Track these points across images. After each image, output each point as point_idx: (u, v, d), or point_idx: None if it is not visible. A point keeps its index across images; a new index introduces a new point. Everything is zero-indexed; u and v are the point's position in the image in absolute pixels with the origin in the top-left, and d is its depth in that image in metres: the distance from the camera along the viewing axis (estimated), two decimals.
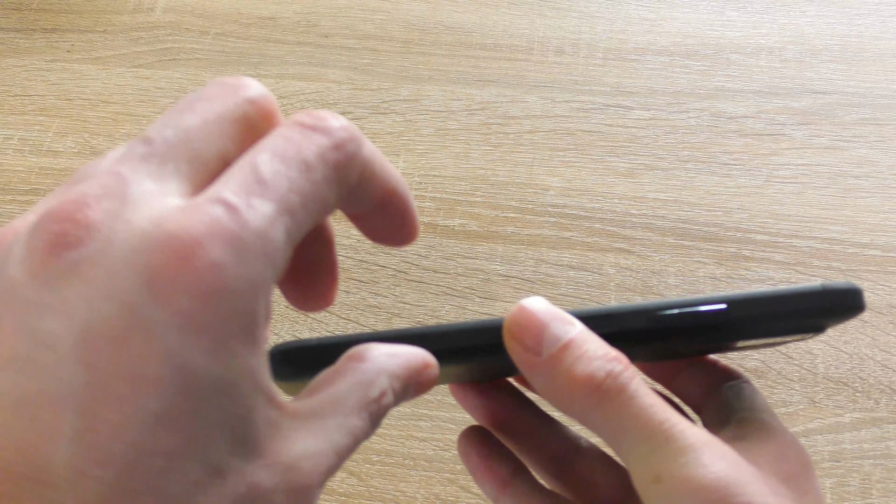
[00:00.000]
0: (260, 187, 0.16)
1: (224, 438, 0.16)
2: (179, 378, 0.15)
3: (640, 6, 0.64)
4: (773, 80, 0.59)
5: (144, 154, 0.17)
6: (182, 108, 0.18)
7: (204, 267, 0.15)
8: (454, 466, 0.46)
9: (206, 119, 0.17)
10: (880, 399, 0.48)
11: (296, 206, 0.16)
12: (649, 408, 0.21)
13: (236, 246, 0.15)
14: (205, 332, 0.15)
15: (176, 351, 0.15)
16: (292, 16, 0.64)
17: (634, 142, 0.57)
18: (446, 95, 0.60)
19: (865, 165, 0.55)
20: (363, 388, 0.19)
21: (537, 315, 0.22)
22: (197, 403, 0.15)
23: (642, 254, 0.52)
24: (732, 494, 0.20)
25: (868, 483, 0.45)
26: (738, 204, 0.54)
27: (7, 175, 0.57)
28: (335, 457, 0.18)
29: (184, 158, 0.17)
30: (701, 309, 0.22)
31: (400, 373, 0.20)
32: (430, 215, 0.54)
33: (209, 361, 0.15)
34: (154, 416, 0.15)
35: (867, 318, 0.50)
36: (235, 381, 0.16)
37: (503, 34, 0.63)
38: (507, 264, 0.52)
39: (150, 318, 0.15)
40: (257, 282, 0.16)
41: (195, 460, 0.15)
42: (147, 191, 0.16)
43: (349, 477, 0.46)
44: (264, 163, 0.17)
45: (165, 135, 0.17)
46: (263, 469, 0.16)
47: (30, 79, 0.62)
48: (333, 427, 0.18)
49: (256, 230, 0.16)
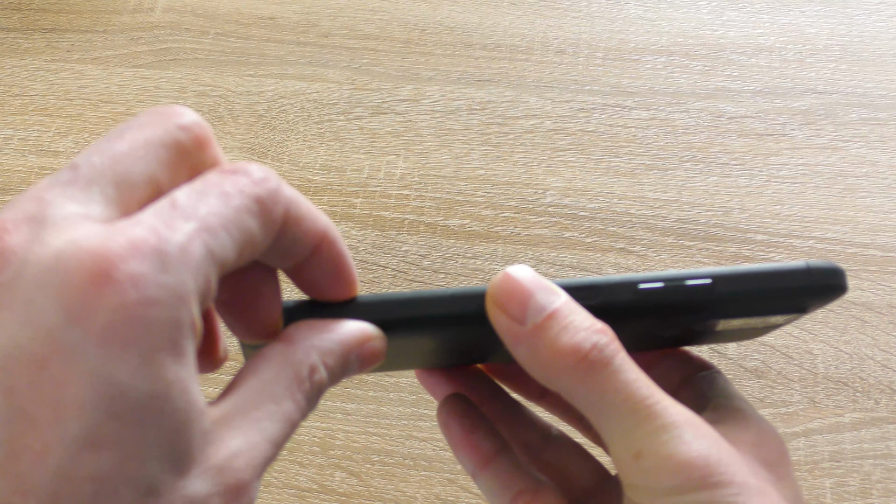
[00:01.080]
0: (177, 211, 0.16)
1: (157, 456, 0.15)
2: (104, 399, 0.14)
3: (640, 6, 0.64)
4: (773, 80, 0.59)
5: (69, 179, 0.17)
6: (112, 135, 0.18)
7: (122, 280, 0.15)
8: (454, 466, 0.46)
9: (134, 145, 0.17)
10: (880, 399, 0.48)
11: (215, 226, 0.17)
12: (633, 382, 0.21)
13: (156, 257, 0.15)
14: (128, 347, 0.15)
15: (98, 371, 0.14)
16: (292, 16, 0.64)
17: (634, 142, 0.57)
18: (446, 95, 0.60)
19: (865, 165, 0.55)
20: (291, 369, 0.19)
21: (522, 283, 0.21)
22: (125, 423, 0.15)
23: (642, 254, 0.52)
24: (714, 473, 0.20)
25: (868, 483, 0.45)
26: (738, 204, 0.54)
27: (7, 175, 0.57)
28: (270, 446, 0.18)
29: (110, 182, 0.17)
30: (686, 283, 0.22)
31: (333, 348, 0.20)
32: (430, 215, 0.54)
33: (135, 377, 0.15)
34: (78, 440, 0.14)
35: (867, 318, 0.50)
36: (165, 394, 0.15)
37: (503, 34, 0.63)
38: (507, 264, 0.52)
39: (69, 339, 0.15)
40: (180, 292, 0.16)
41: (126, 483, 0.15)
42: (68, 214, 0.16)
43: (349, 477, 0.46)
44: (183, 194, 0.17)
45: (92, 160, 0.17)
46: (198, 479, 0.16)
47: (30, 79, 0.62)
48: (264, 417, 0.18)
49: (176, 243, 0.16)
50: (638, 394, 0.21)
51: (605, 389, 0.21)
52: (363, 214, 0.55)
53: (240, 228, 0.17)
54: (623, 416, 0.21)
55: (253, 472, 0.17)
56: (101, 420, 0.14)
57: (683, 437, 0.20)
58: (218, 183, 0.17)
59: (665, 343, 0.27)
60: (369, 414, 0.48)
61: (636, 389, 0.21)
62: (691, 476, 0.20)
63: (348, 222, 0.54)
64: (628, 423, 0.21)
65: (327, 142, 0.58)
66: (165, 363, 0.15)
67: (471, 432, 0.28)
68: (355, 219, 0.55)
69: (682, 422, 0.21)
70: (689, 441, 0.20)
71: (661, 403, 0.21)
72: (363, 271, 0.52)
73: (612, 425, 0.21)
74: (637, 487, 0.21)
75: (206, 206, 0.17)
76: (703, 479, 0.20)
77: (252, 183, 0.18)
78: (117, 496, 0.15)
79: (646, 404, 0.21)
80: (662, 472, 0.20)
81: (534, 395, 0.30)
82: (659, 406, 0.21)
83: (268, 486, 0.46)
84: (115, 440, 0.15)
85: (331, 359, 0.20)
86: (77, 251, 0.15)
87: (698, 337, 0.27)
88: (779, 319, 0.25)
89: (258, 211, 0.18)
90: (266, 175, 0.18)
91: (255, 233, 0.18)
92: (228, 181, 0.17)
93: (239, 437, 0.17)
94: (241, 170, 0.18)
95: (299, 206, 0.19)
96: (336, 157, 0.57)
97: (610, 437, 0.21)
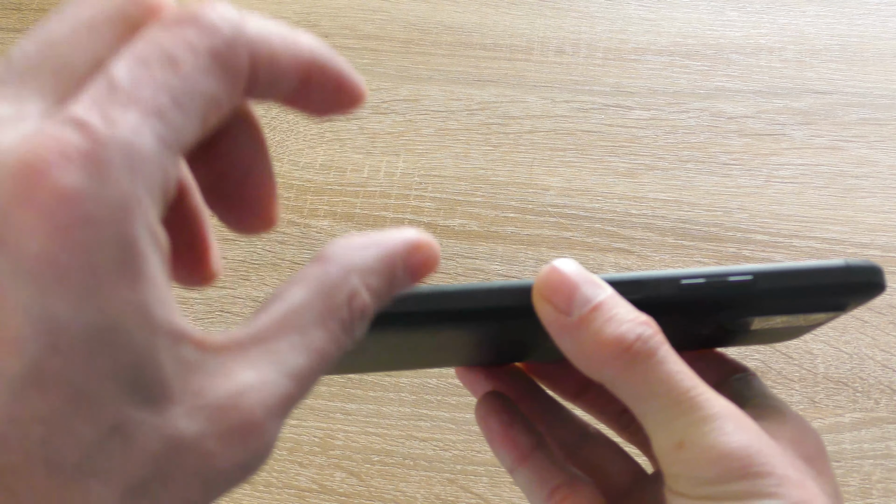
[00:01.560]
0: (115, 95, 0.14)
1: (116, 390, 0.14)
2: (42, 332, 0.13)
3: (640, 6, 0.64)
4: (773, 80, 0.59)
5: (1, 75, 0.15)
6: (51, 17, 0.15)
7: (51, 198, 0.13)
8: (454, 466, 0.46)
9: (76, 25, 0.15)
10: (880, 399, 0.48)
11: (165, 107, 0.14)
12: (677, 374, 0.21)
13: (91, 166, 0.13)
14: (66, 276, 0.13)
15: (33, 303, 0.13)
16: (292, 16, 0.64)
17: (634, 142, 0.57)
18: (446, 95, 0.60)
19: (865, 165, 0.55)
20: (326, 293, 0.16)
21: (568, 276, 0.22)
22: (70, 358, 0.13)
23: (642, 254, 0.52)
24: (755, 464, 0.21)
25: (868, 483, 0.45)
26: (738, 204, 0.54)
27: None
28: (290, 381, 0.15)
29: (48, 72, 0.15)
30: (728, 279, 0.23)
31: (376, 266, 0.17)
32: (430, 215, 0.54)
33: (77, 307, 0.13)
34: (20, 379, 0.13)
35: (867, 318, 0.50)
36: (116, 322, 0.13)
37: (503, 34, 0.63)
38: (507, 264, 0.52)
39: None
40: (127, 203, 0.13)
41: (84, 421, 0.13)
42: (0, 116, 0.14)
43: (349, 477, 0.46)
44: (120, 69, 0.14)
45: (26, 49, 0.15)
46: (182, 417, 0.14)
47: None
48: (285, 348, 0.16)
49: (117, 143, 0.13)
50: (681, 385, 0.21)
51: (649, 380, 0.21)
52: (363, 214, 0.55)
53: (196, 98, 0.14)
54: (666, 406, 0.21)
55: (266, 411, 0.15)
56: (43, 355, 0.13)
57: (725, 429, 0.21)
58: (161, 44, 0.14)
59: (702, 343, 0.28)
60: (369, 414, 0.48)
61: (679, 381, 0.21)
62: (732, 466, 0.20)
63: (348, 222, 0.54)
64: (671, 413, 0.21)
65: (327, 142, 0.58)
66: (112, 289, 0.13)
67: (509, 427, 0.28)
68: (355, 219, 0.55)
69: (725, 413, 0.21)
70: (730, 432, 0.21)
71: (704, 395, 0.21)
72: None
73: (655, 415, 0.21)
74: (678, 477, 0.21)
75: (151, 82, 0.14)
76: (744, 469, 0.20)
77: (202, 34, 0.15)
78: (74, 436, 0.13)
79: (689, 395, 0.21)
80: (704, 461, 0.21)
81: (570, 395, 0.31)
82: (702, 397, 0.21)
83: (268, 486, 0.46)
84: (63, 377, 0.13)
85: (374, 278, 0.17)
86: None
87: (735, 337, 0.27)
88: (819, 317, 0.25)
89: (216, 68, 0.15)
90: (217, 19, 0.15)
91: (217, 95, 0.15)
92: (173, 39, 0.15)
93: (249, 370, 0.15)
94: (188, 19, 0.15)
95: (269, 43, 0.16)
96: (336, 157, 0.57)
97: (652, 427, 0.22)
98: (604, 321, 0.21)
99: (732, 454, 0.21)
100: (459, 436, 0.47)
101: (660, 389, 0.21)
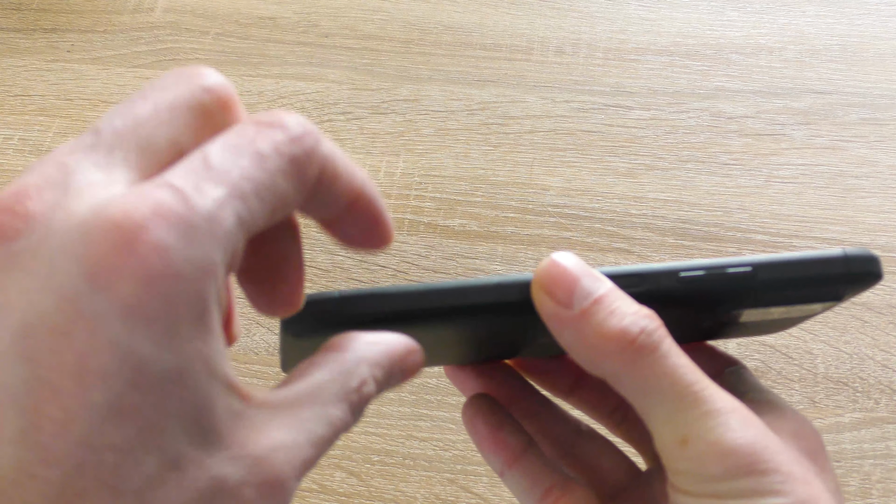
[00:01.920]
0: (209, 173, 0.16)
1: (180, 429, 0.15)
2: (126, 369, 0.14)
3: (640, 6, 0.64)
4: (773, 80, 0.59)
5: (92, 144, 0.16)
6: (135, 97, 0.17)
7: (148, 251, 0.14)
8: (454, 466, 0.46)
9: (158, 107, 0.17)
10: (880, 399, 0.48)
11: (247, 193, 0.16)
12: (680, 368, 0.21)
13: (183, 228, 0.15)
14: (152, 320, 0.14)
15: (122, 341, 0.14)
16: (292, 16, 0.64)
17: (634, 142, 0.57)
18: (446, 95, 0.60)
19: (865, 165, 0.55)
20: (343, 377, 0.18)
21: (568, 269, 0.22)
22: (147, 394, 0.14)
23: (642, 254, 0.52)
24: (760, 460, 0.20)
25: (868, 483, 0.45)
26: (738, 204, 0.54)
27: (7, 175, 0.57)
28: (312, 448, 0.17)
29: (133, 147, 0.16)
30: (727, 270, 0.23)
31: (381, 360, 0.19)
32: (430, 215, 0.54)
33: (158, 350, 0.14)
34: (101, 409, 0.14)
35: (867, 318, 0.50)
36: (188, 368, 0.15)
37: (503, 34, 0.63)
38: (508, 264, 0.52)
39: (93, 308, 0.14)
40: (206, 266, 0.15)
41: (149, 453, 0.15)
42: (91, 180, 0.16)
43: (349, 477, 0.46)
44: (215, 152, 0.16)
45: (114, 124, 0.16)
46: (228, 462, 0.16)
47: (30, 79, 0.62)
48: (311, 418, 0.17)
49: (205, 212, 0.15)
50: (685, 379, 0.21)
51: (653, 374, 0.21)
52: None
53: (272, 192, 0.16)
54: (670, 400, 0.21)
55: (292, 470, 0.17)
56: (124, 390, 0.14)
57: (730, 424, 0.21)
58: (253, 139, 0.16)
59: (700, 335, 0.28)
60: (369, 414, 0.48)
61: (683, 375, 0.21)
62: (738, 463, 0.20)
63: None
64: (675, 407, 0.21)
65: None
66: (188, 337, 0.15)
67: (497, 430, 0.28)
68: None
69: (729, 408, 0.21)
70: (735, 428, 0.21)
71: (708, 390, 0.21)
72: (363, 271, 0.52)
73: (658, 410, 0.21)
74: (682, 473, 0.21)
75: (239, 169, 0.16)
76: (750, 465, 0.20)
77: (289, 140, 0.17)
78: (140, 466, 0.14)
79: (693, 390, 0.21)
80: (709, 458, 0.21)
81: (562, 391, 0.30)
82: (706, 392, 0.21)
83: None
84: (138, 410, 0.14)
85: (379, 371, 0.19)
86: (101, 218, 0.15)
87: (732, 329, 0.27)
88: (815, 308, 0.25)
89: (292, 172, 0.17)
90: (304, 131, 0.17)
91: (287, 195, 0.17)
92: (264, 137, 0.16)
93: (283, 430, 0.17)
94: (278, 123, 0.17)
95: (335, 164, 0.18)
96: None
97: (655, 422, 0.22)
98: (606, 314, 0.21)
99: (738, 450, 0.20)
100: (459, 436, 0.47)
101: (664, 383, 0.21)
